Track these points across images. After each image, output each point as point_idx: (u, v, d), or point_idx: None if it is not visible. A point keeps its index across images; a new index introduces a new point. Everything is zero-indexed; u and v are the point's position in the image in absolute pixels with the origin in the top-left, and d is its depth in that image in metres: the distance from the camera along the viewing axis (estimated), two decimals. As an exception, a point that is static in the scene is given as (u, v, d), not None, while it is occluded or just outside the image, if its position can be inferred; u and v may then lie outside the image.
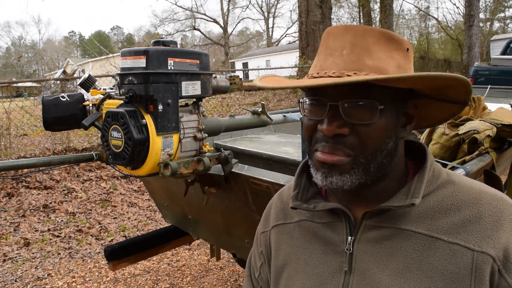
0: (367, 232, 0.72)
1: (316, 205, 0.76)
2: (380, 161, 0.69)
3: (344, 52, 0.68)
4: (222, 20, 34.31)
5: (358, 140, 0.67)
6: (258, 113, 2.15)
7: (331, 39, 0.71)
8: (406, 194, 0.69)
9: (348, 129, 0.66)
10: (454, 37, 16.79)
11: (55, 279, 3.16)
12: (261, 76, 0.79)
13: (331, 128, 0.66)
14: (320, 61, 0.71)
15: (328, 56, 0.70)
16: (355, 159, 0.67)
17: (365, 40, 0.68)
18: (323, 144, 0.68)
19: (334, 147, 0.67)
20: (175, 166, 1.53)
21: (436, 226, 0.68)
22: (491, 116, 1.97)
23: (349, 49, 0.68)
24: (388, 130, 0.68)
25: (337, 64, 0.68)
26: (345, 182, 0.68)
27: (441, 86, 0.70)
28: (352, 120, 0.66)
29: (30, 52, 50.53)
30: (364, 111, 0.66)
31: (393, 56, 0.69)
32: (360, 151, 0.67)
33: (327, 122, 0.67)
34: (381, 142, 0.67)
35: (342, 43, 0.69)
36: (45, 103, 1.69)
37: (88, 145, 6.15)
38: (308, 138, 0.72)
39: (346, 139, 0.67)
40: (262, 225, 0.91)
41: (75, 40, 60.20)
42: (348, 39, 0.68)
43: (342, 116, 0.66)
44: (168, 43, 1.56)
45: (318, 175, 0.70)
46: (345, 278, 0.71)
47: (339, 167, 0.68)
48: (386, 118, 0.67)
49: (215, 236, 2.33)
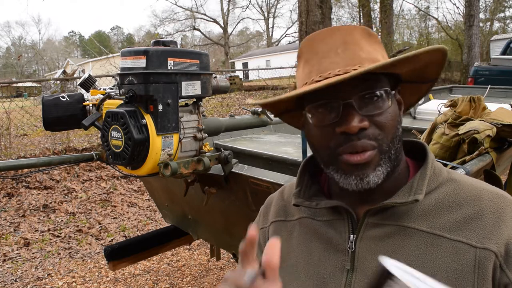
0: (369, 230, 0.72)
1: (319, 202, 0.76)
2: (397, 147, 0.71)
3: (339, 51, 0.69)
4: (222, 20, 34.33)
5: (378, 130, 0.68)
6: (258, 113, 2.15)
7: (318, 43, 0.72)
8: (409, 191, 0.69)
9: (367, 122, 0.67)
10: (454, 37, 16.78)
11: (55, 279, 3.16)
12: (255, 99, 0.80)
13: (354, 125, 0.66)
14: (314, 66, 0.71)
15: (322, 59, 0.70)
16: (381, 148, 0.68)
17: (354, 37, 0.70)
18: (350, 144, 0.67)
19: (362, 142, 0.67)
20: (175, 166, 1.53)
21: (439, 224, 0.68)
22: (491, 116, 1.97)
23: (343, 47, 0.69)
24: (398, 115, 0.71)
25: (337, 63, 0.69)
26: (379, 176, 0.68)
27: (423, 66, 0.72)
28: (368, 112, 0.67)
29: (30, 52, 50.55)
30: (377, 101, 0.68)
31: (376, 49, 0.72)
32: (382, 140, 0.68)
33: (347, 120, 0.66)
34: (395, 127, 0.70)
35: (333, 44, 0.70)
36: (45, 103, 1.69)
37: (88, 145, 6.15)
38: (326, 146, 0.70)
39: (368, 132, 0.67)
40: (262, 220, 0.90)
41: (75, 40, 60.24)
42: (338, 38, 0.70)
43: (357, 111, 0.67)
44: (168, 43, 1.56)
45: (350, 180, 0.69)
46: (347, 276, 0.71)
47: (371, 163, 0.68)
48: (394, 103, 0.71)
49: (215, 236, 2.33)
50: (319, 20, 9.07)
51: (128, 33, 53.46)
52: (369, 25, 15.51)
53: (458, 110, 1.99)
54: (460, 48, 15.25)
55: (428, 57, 0.68)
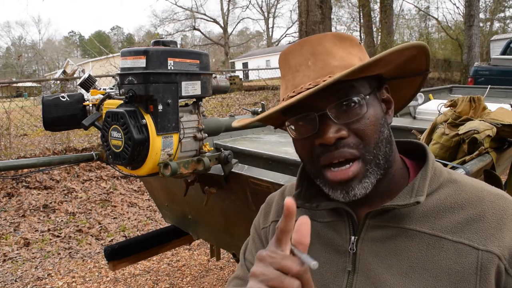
0: (370, 232, 0.71)
1: (319, 204, 0.76)
2: (384, 151, 0.70)
3: (309, 63, 0.69)
4: (222, 20, 34.32)
5: (358, 138, 0.67)
6: (258, 113, 2.15)
7: (290, 57, 0.72)
8: (410, 193, 0.69)
9: (345, 131, 0.67)
10: (454, 37, 16.77)
11: (55, 279, 3.16)
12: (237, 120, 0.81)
13: (331, 135, 0.66)
14: (289, 81, 0.72)
15: (295, 73, 0.71)
16: (364, 158, 0.68)
17: (323, 46, 0.70)
18: (327, 155, 0.68)
19: (340, 152, 0.67)
20: (175, 166, 1.53)
21: (440, 225, 0.68)
22: (491, 116, 1.97)
23: (313, 58, 0.70)
24: (379, 119, 0.70)
25: (308, 76, 0.69)
26: (367, 187, 0.68)
27: (404, 62, 0.71)
28: (344, 121, 0.67)
29: (30, 52, 50.54)
30: (353, 107, 0.67)
31: (352, 52, 0.71)
32: (364, 148, 0.68)
33: (324, 131, 0.67)
34: (377, 132, 0.69)
35: (304, 56, 0.70)
36: (45, 103, 1.69)
37: (88, 145, 6.15)
38: (309, 158, 0.71)
39: (347, 141, 0.67)
40: (263, 220, 0.90)
41: (75, 40, 60.22)
42: (307, 50, 0.70)
43: (333, 120, 0.67)
44: (168, 43, 1.56)
45: (337, 194, 0.69)
46: (348, 278, 0.71)
47: (357, 177, 0.67)
48: (373, 107, 0.69)
49: (215, 236, 2.33)
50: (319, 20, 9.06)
51: (128, 33, 53.50)
52: (369, 25, 15.51)
53: (458, 110, 1.99)
54: (460, 48, 15.24)
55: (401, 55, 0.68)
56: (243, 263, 0.92)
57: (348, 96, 0.67)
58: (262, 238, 0.89)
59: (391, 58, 0.66)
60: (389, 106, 0.76)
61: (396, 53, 0.65)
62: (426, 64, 0.73)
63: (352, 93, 0.67)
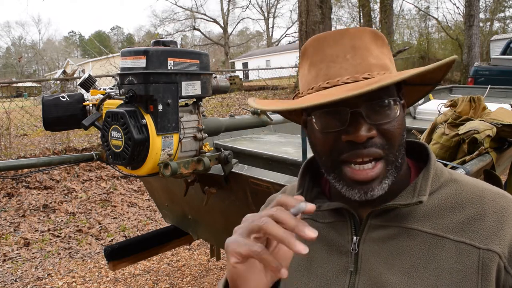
0: (372, 232, 0.71)
1: (321, 205, 0.76)
2: (402, 154, 0.70)
3: (348, 57, 0.67)
4: (222, 20, 34.32)
5: (384, 140, 0.67)
6: (258, 113, 2.15)
7: (326, 46, 0.70)
8: (412, 192, 0.69)
9: (375, 131, 0.66)
10: (454, 37, 16.77)
11: (55, 279, 3.16)
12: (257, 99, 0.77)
13: (363, 134, 0.64)
14: (321, 70, 0.69)
15: (331, 63, 0.68)
16: (387, 159, 0.67)
17: (363, 41, 0.68)
18: (355, 152, 0.66)
19: (368, 151, 0.66)
20: (175, 166, 1.53)
21: (442, 225, 0.68)
22: (491, 116, 1.97)
23: (352, 52, 0.68)
24: (403, 122, 0.70)
25: (345, 69, 0.67)
26: (385, 188, 0.67)
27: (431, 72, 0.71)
28: (376, 121, 0.66)
29: (30, 52, 50.54)
30: (385, 109, 0.66)
31: (384, 52, 0.70)
32: (389, 149, 0.67)
33: (356, 129, 0.65)
34: (401, 135, 0.69)
35: (343, 48, 0.68)
36: (45, 103, 1.69)
37: (88, 145, 6.15)
38: (328, 151, 0.69)
39: (375, 140, 0.66)
40: None
41: (75, 40, 60.23)
42: (347, 42, 0.68)
43: (365, 119, 0.65)
44: (168, 43, 1.56)
45: (352, 192, 0.68)
46: (350, 278, 0.71)
47: (378, 178, 0.67)
48: (401, 111, 0.69)
49: (215, 236, 2.33)
50: (319, 20, 9.06)
51: (128, 33, 53.50)
52: (369, 25, 15.50)
53: (458, 110, 1.99)
54: (460, 48, 15.24)
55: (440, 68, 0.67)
56: None
57: (383, 97, 0.66)
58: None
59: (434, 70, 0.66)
60: (405, 111, 0.75)
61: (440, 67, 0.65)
62: (443, 76, 0.73)
63: (386, 94, 0.66)
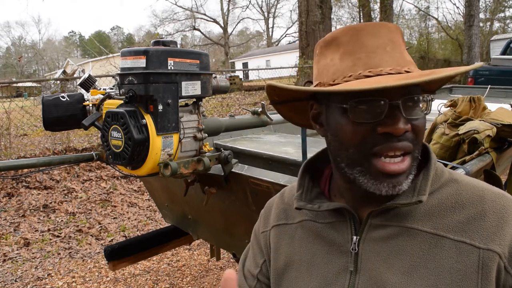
0: (372, 231, 0.71)
1: (321, 205, 0.76)
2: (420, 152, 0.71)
3: (388, 49, 0.68)
4: (222, 20, 34.32)
5: (414, 135, 0.67)
6: (258, 113, 2.15)
7: (364, 35, 0.69)
8: (412, 192, 0.69)
9: (410, 125, 0.66)
10: (454, 37, 16.79)
11: (55, 279, 3.16)
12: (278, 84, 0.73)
13: (401, 126, 0.64)
14: (360, 59, 0.68)
15: (371, 53, 0.68)
16: (413, 155, 0.68)
17: (399, 36, 0.70)
18: (390, 145, 0.65)
19: (403, 144, 0.66)
20: (175, 166, 1.53)
21: (442, 224, 0.68)
22: (491, 116, 1.97)
23: (391, 45, 0.68)
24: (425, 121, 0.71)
25: (386, 61, 0.67)
26: (409, 183, 0.68)
27: None
28: (411, 116, 0.66)
29: (30, 52, 50.54)
30: (418, 105, 0.67)
31: (406, 51, 0.72)
32: (416, 145, 0.68)
33: (394, 121, 0.64)
34: (424, 134, 0.71)
35: (382, 40, 0.68)
36: (45, 103, 1.69)
37: (88, 145, 6.15)
38: (358, 143, 0.67)
39: (407, 135, 0.66)
40: (262, 224, 0.90)
41: (75, 40, 60.23)
42: (386, 35, 0.68)
43: (402, 113, 0.65)
44: (168, 43, 1.56)
45: (381, 186, 0.67)
46: (350, 278, 0.71)
47: (406, 172, 0.67)
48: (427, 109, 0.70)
49: (215, 236, 2.33)
50: (319, 20, 9.06)
51: (128, 33, 53.49)
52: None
53: (458, 110, 1.99)
54: (460, 48, 15.24)
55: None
56: (241, 269, 0.92)
57: (418, 93, 0.67)
58: (261, 243, 0.88)
59: None
60: None
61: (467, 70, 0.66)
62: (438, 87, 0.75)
63: (419, 92, 0.68)
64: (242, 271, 0.91)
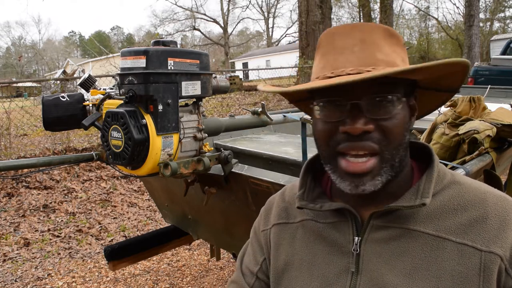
0: (374, 233, 0.71)
1: (323, 205, 0.76)
2: (401, 155, 0.69)
3: (355, 49, 0.68)
4: (222, 20, 34.32)
5: (382, 136, 0.66)
6: (258, 113, 2.15)
7: (337, 38, 0.70)
8: (416, 194, 0.69)
9: (373, 125, 0.66)
10: (454, 37, 16.80)
11: (55, 279, 3.16)
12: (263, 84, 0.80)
13: (358, 126, 0.65)
14: (328, 61, 0.70)
15: (338, 55, 0.69)
16: (382, 156, 0.67)
17: (373, 36, 0.69)
18: (348, 145, 0.67)
19: (363, 144, 0.66)
20: (175, 166, 1.53)
21: (444, 227, 0.68)
22: (491, 116, 1.97)
23: (360, 45, 0.68)
24: (406, 123, 0.69)
25: (351, 61, 0.68)
26: (377, 185, 0.67)
27: (442, 75, 0.70)
28: (375, 116, 0.66)
29: (30, 52, 50.52)
30: (387, 105, 0.66)
31: (396, 51, 0.70)
32: (386, 147, 0.67)
33: (352, 121, 0.66)
34: (401, 135, 0.68)
35: (352, 41, 0.68)
36: (45, 103, 1.69)
37: (88, 145, 6.15)
38: (326, 141, 0.70)
39: (371, 135, 0.66)
40: (263, 222, 0.90)
41: (75, 40, 60.21)
42: (357, 36, 0.68)
43: (364, 113, 0.66)
44: (168, 43, 1.56)
45: (344, 184, 0.68)
46: (352, 279, 0.71)
47: (370, 173, 0.67)
48: (404, 110, 0.69)
49: (215, 236, 2.33)
50: (319, 20, 9.06)
51: (128, 33, 53.48)
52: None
53: (458, 110, 1.99)
54: (460, 48, 15.24)
55: (447, 68, 0.67)
56: (239, 266, 0.92)
57: (385, 92, 0.66)
58: (261, 241, 0.88)
59: (440, 68, 0.66)
60: (413, 113, 0.75)
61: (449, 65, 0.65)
62: (460, 84, 0.73)
63: (390, 91, 0.67)
64: (240, 268, 0.91)
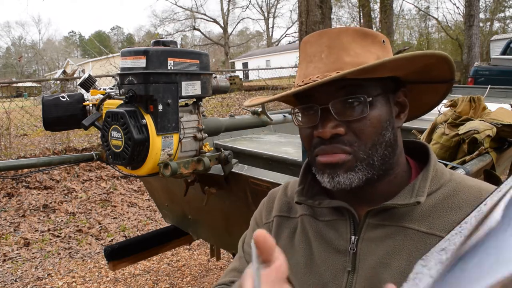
0: (370, 231, 0.72)
1: (321, 201, 0.76)
2: (382, 153, 0.70)
3: (322, 56, 0.70)
4: (222, 20, 34.30)
5: (354, 137, 0.68)
6: (258, 113, 2.15)
7: (308, 46, 0.73)
8: (411, 192, 0.70)
9: (343, 128, 0.68)
10: (454, 37, 16.79)
11: (55, 279, 3.16)
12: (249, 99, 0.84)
13: (327, 130, 0.68)
14: (302, 69, 0.73)
15: (309, 63, 0.72)
16: (356, 155, 0.68)
17: (340, 40, 0.70)
18: (321, 148, 0.70)
19: (332, 147, 0.69)
20: (175, 166, 1.53)
21: (438, 225, 0.68)
22: (491, 116, 1.97)
23: (327, 51, 0.70)
24: (383, 122, 0.70)
25: (319, 68, 0.70)
26: (353, 180, 0.69)
27: (423, 68, 0.71)
28: (344, 118, 0.68)
29: (30, 52, 50.53)
30: (354, 107, 0.68)
31: (370, 50, 0.71)
32: (359, 147, 0.68)
33: (321, 125, 0.69)
34: (377, 134, 0.69)
35: (319, 48, 0.71)
36: (45, 103, 1.69)
37: (88, 145, 6.15)
38: (308, 146, 0.74)
39: (343, 138, 0.68)
40: (265, 215, 0.90)
41: (75, 40, 60.24)
42: (324, 42, 0.71)
43: (334, 116, 0.68)
44: (168, 43, 1.56)
45: (324, 178, 0.71)
46: (348, 277, 0.71)
47: (343, 166, 0.69)
48: (378, 110, 0.69)
49: (215, 236, 2.33)
50: (319, 20, 9.06)
51: (128, 33, 53.49)
52: (369, 25, 15.50)
53: (458, 110, 1.99)
54: (460, 48, 15.24)
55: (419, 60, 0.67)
56: (241, 255, 0.91)
57: (353, 94, 0.68)
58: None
59: (400, 63, 0.66)
60: (402, 110, 0.76)
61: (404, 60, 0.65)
62: (450, 73, 0.72)
63: (358, 92, 0.68)
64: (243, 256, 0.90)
